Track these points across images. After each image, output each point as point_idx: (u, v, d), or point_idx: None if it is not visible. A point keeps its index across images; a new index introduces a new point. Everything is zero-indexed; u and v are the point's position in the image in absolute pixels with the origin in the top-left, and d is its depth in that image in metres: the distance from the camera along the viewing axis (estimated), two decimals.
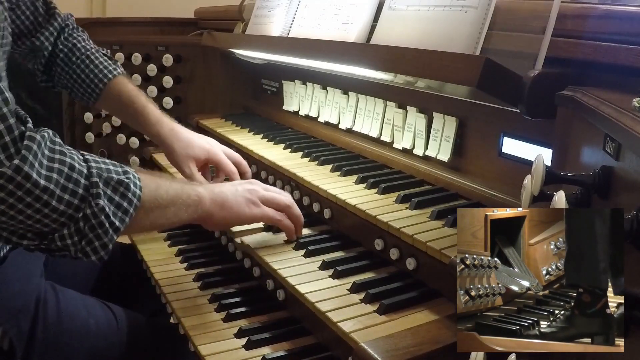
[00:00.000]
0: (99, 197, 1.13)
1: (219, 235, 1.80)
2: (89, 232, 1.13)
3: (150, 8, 3.51)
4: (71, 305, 1.48)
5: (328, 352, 1.27)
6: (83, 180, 1.12)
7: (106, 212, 1.14)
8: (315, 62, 1.82)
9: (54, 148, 1.11)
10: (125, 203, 1.17)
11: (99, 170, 1.15)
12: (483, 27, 1.28)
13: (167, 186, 1.30)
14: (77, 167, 1.12)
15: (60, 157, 1.11)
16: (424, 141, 1.61)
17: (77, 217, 1.12)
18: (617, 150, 0.78)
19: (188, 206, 1.33)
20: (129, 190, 1.17)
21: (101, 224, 1.13)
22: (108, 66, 1.84)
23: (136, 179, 1.20)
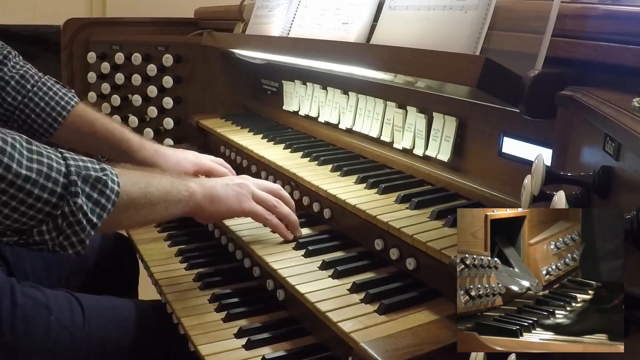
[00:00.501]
0: (77, 195, 1.15)
1: (219, 235, 1.80)
2: (67, 229, 1.16)
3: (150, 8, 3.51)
4: (29, 304, 1.43)
5: (328, 352, 1.27)
6: (62, 179, 1.14)
7: (84, 210, 1.16)
8: (315, 62, 1.82)
9: (31, 148, 1.13)
10: (103, 200, 1.19)
11: (78, 168, 1.17)
12: (483, 27, 1.28)
13: (157, 183, 1.33)
14: (56, 165, 1.14)
15: (37, 157, 1.13)
16: (424, 141, 1.61)
17: (56, 214, 1.14)
18: (617, 150, 0.78)
19: (179, 201, 1.37)
20: (106, 187, 1.20)
21: (79, 221, 1.16)
22: (67, 93, 1.78)
23: (113, 175, 1.23)
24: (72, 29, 2.71)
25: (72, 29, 2.71)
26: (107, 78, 2.65)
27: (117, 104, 2.63)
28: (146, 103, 2.61)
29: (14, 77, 1.73)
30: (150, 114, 2.58)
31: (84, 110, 1.78)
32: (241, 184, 1.49)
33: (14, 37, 3.85)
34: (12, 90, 1.71)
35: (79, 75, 2.70)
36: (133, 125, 2.60)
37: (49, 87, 1.76)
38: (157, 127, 2.61)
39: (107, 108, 2.65)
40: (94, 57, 2.65)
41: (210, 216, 1.46)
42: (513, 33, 1.27)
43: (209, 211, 1.43)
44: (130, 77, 2.61)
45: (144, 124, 2.61)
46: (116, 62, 2.64)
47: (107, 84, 2.64)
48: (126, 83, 2.62)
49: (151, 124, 2.62)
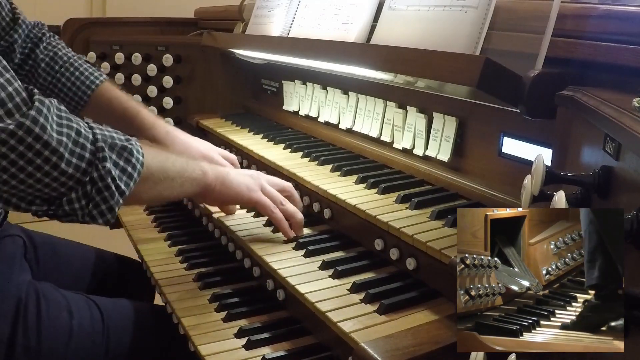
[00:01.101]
0: (105, 160, 1.17)
1: (219, 235, 1.80)
2: (96, 195, 1.17)
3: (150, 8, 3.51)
4: (52, 307, 1.45)
5: (328, 352, 1.27)
6: (89, 145, 1.16)
7: (112, 175, 1.18)
8: (315, 62, 1.82)
9: (61, 114, 1.15)
10: (129, 168, 1.22)
11: (104, 136, 1.20)
12: (483, 27, 1.28)
13: (174, 159, 1.38)
14: (84, 132, 1.16)
15: (67, 123, 1.14)
16: (424, 141, 1.61)
17: (85, 180, 1.16)
18: (617, 150, 0.78)
19: (194, 179, 1.40)
20: (132, 155, 1.23)
21: (108, 186, 1.18)
22: (94, 72, 1.83)
23: (138, 146, 1.26)
24: (72, 29, 2.71)
25: (72, 29, 2.71)
26: None
27: None
28: (146, 103, 2.60)
29: (44, 59, 1.81)
30: None
31: (107, 88, 1.83)
32: (253, 175, 1.54)
33: None
34: (43, 72, 1.80)
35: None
36: None
37: (76, 67, 1.82)
38: None
39: None
40: (94, 57, 2.65)
41: (218, 197, 1.49)
42: (513, 33, 1.27)
43: (219, 192, 1.46)
44: (130, 77, 2.60)
45: None
46: (116, 62, 2.64)
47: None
48: (126, 83, 2.62)
49: None
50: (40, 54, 1.80)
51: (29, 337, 1.38)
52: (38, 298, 1.43)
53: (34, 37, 1.82)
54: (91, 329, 1.47)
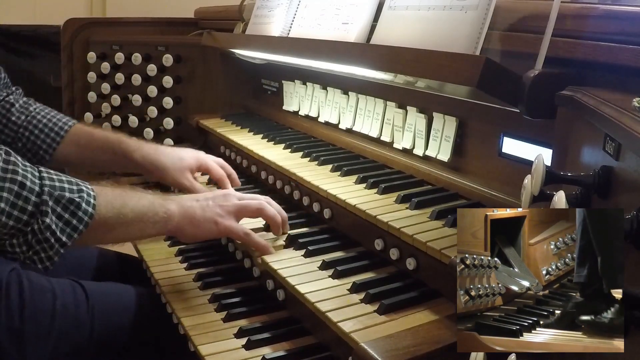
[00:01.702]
0: (46, 215, 1.21)
1: None
2: (36, 245, 1.23)
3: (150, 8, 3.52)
4: (35, 290, 1.44)
5: (328, 352, 1.27)
6: (33, 198, 1.21)
7: (52, 229, 1.22)
8: (315, 62, 1.82)
9: (7, 168, 1.19)
10: (74, 220, 1.25)
11: (52, 188, 1.23)
12: (483, 27, 1.28)
13: (134, 204, 1.37)
14: (29, 185, 1.21)
15: (11, 176, 1.19)
16: (424, 141, 1.61)
17: (26, 230, 1.21)
18: (617, 150, 0.78)
19: (155, 222, 1.39)
20: (79, 208, 1.25)
21: (47, 239, 1.22)
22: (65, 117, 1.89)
23: (90, 197, 1.28)
24: (72, 29, 2.71)
25: (72, 29, 2.71)
26: (107, 78, 2.65)
27: (117, 104, 2.63)
28: (146, 103, 2.61)
29: (18, 100, 1.87)
30: (150, 114, 2.58)
31: (82, 126, 1.88)
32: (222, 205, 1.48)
33: (14, 37, 3.86)
34: (16, 112, 1.84)
35: (79, 75, 2.70)
36: (133, 125, 2.60)
37: (49, 110, 1.89)
38: (157, 127, 2.60)
39: (107, 108, 2.65)
40: (94, 57, 2.65)
41: (189, 236, 1.47)
42: (513, 33, 1.27)
43: (189, 232, 1.45)
44: (130, 77, 2.60)
45: (144, 124, 2.61)
46: (116, 62, 2.64)
47: (107, 84, 2.64)
48: (126, 83, 2.62)
49: (151, 124, 2.62)
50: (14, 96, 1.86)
51: (12, 318, 1.38)
52: (21, 282, 1.43)
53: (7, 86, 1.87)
54: (75, 308, 1.46)
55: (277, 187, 1.79)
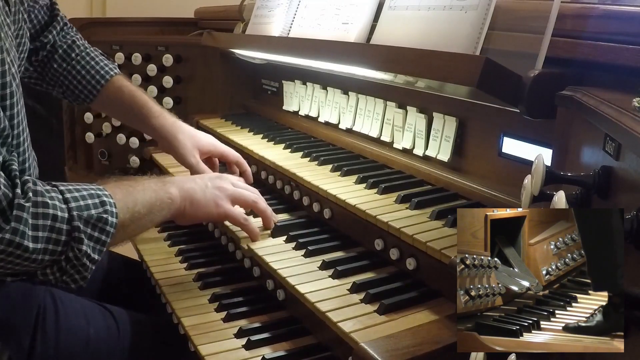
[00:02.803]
0: (81, 242, 1.19)
1: (219, 235, 1.80)
2: (71, 269, 1.21)
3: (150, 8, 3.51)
4: (70, 315, 1.44)
5: (328, 352, 1.27)
6: (65, 227, 1.18)
7: (87, 253, 1.21)
8: (315, 62, 1.82)
9: (37, 202, 1.16)
10: (103, 236, 1.24)
11: (79, 210, 1.20)
12: (483, 27, 1.28)
13: (142, 198, 1.35)
14: (60, 215, 1.17)
15: (43, 211, 1.16)
16: (424, 141, 1.61)
17: (60, 259, 1.19)
18: (617, 150, 0.78)
19: (162, 210, 1.39)
20: (107, 224, 1.24)
21: (83, 264, 1.21)
22: (108, 64, 1.87)
23: (113, 207, 1.26)
24: None
25: None
26: None
27: None
28: None
29: (62, 46, 1.84)
30: None
31: (119, 80, 1.86)
32: (220, 188, 1.50)
33: None
34: (59, 58, 1.83)
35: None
36: None
37: (92, 57, 1.87)
38: None
39: None
40: None
41: (190, 220, 1.48)
42: (513, 33, 1.27)
43: (189, 214, 1.45)
44: (130, 77, 2.59)
45: None
46: (116, 62, 2.63)
47: None
48: None
49: None
50: (59, 40, 1.83)
51: (47, 346, 1.37)
52: (56, 306, 1.43)
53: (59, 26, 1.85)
54: (107, 336, 1.47)
55: (277, 187, 1.79)
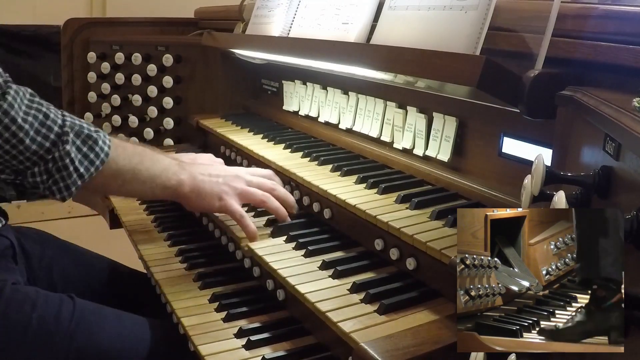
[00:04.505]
0: (66, 143, 1.32)
1: (219, 235, 1.80)
2: (56, 173, 1.33)
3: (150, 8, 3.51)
4: (15, 299, 1.40)
5: (328, 352, 1.27)
6: (56, 128, 1.32)
7: (71, 157, 1.33)
8: (315, 62, 1.82)
9: (33, 99, 1.32)
10: (92, 155, 1.36)
11: (73, 124, 1.35)
12: (483, 27, 1.28)
13: (150, 164, 1.48)
14: (52, 116, 1.33)
15: (37, 107, 1.32)
16: (424, 141, 1.61)
17: (47, 158, 1.32)
18: (617, 150, 0.78)
19: (165, 187, 1.51)
20: (96, 144, 1.37)
21: (66, 166, 1.33)
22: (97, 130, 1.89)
23: (106, 138, 1.40)
24: (72, 29, 2.71)
25: (72, 29, 2.71)
26: (107, 78, 2.65)
27: (117, 104, 2.63)
28: (146, 103, 2.61)
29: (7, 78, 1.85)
30: (150, 114, 2.58)
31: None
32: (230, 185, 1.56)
33: (14, 37, 3.86)
34: None
35: (79, 75, 2.70)
36: (133, 125, 2.60)
37: None
38: (157, 127, 2.60)
39: (107, 108, 2.65)
40: (94, 57, 2.65)
41: (194, 207, 1.60)
42: (513, 33, 1.27)
43: (194, 203, 1.56)
44: (130, 77, 2.60)
45: (144, 124, 2.61)
46: (116, 62, 2.64)
47: (107, 84, 2.64)
48: (126, 83, 2.62)
49: (151, 124, 2.61)
50: None
51: None
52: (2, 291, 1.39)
53: None
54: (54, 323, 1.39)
55: None
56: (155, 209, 2.10)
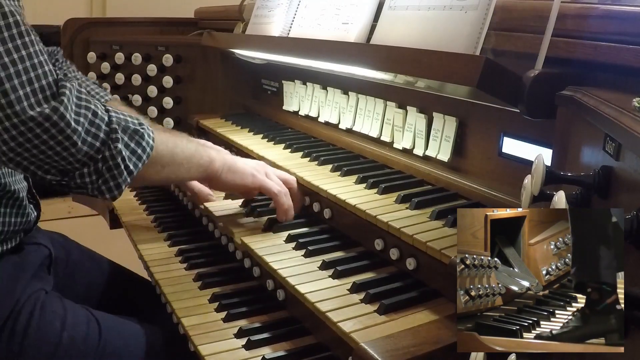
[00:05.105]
0: (117, 141, 1.29)
1: (219, 235, 1.80)
2: (106, 173, 1.29)
3: (150, 8, 3.51)
4: (46, 317, 1.43)
5: (328, 352, 1.27)
6: (104, 126, 1.28)
7: (123, 155, 1.29)
8: (315, 62, 1.82)
9: (81, 96, 1.26)
10: (139, 150, 1.33)
11: (118, 119, 1.31)
12: (483, 27, 1.28)
13: (183, 145, 1.48)
14: (100, 114, 1.28)
15: (86, 104, 1.26)
16: (424, 141, 1.61)
17: (97, 158, 1.27)
18: (617, 150, 0.78)
19: (199, 165, 1.52)
20: (143, 139, 1.34)
21: (117, 165, 1.29)
22: (100, 91, 1.91)
23: (149, 130, 1.37)
24: (72, 29, 2.71)
25: (72, 29, 2.71)
26: (107, 78, 2.65)
27: None
28: (146, 103, 2.61)
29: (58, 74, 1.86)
30: (150, 114, 2.58)
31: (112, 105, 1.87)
32: (259, 163, 1.65)
33: None
34: None
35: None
36: None
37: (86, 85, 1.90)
38: None
39: None
40: (94, 57, 2.65)
41: (225, 183, 1.59)
42: (513, 33, 1.27)
43: (225, 178, 1.56)
44: (130, 77, 2.60)
45: None
46: (116, 62, 2.64)
47: (107, 84, 2.64)
48: (126, 83, 2.62)
49: None
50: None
51: (13, 342, 1.37)
52: (35, 306, 1.43)
53: None
54: (83, 343, 1.44)
55: None
56: (155, 209, 2.11)
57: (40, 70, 1.21)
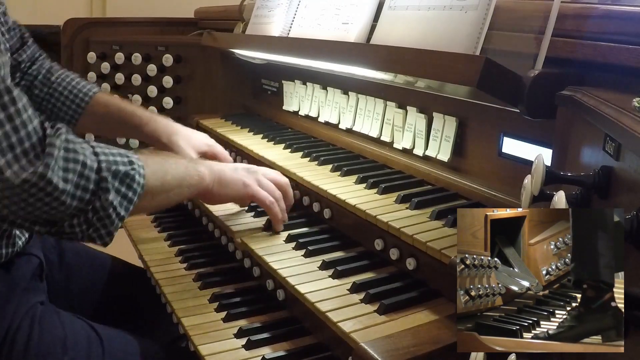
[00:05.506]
0: (107, 192, 1.22)
1: (219, 235, 1.80)
2: (97, 222, 1.23)
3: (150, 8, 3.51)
4: (45, 340, 1.37)
5: (328, 352, 1.27)
6: (94, 176, 1.21)
7: (114, 205, 1.23)
8: (315, 62, 1.82)
9: (68, 147, 1.18)
10: (130, 193, 1.27)
11: (108, 163, 1.24)
12: (483, 27, 1.28)
13: (173, 170, 1.41)
14: (89, 163, 1.20)
15: (74, 156, 1.18)
16: (424, 141, 1.61)
17: (87, 209, 1.21)
18: (617, 150, 0.78)
19: (190, 186, 1.45)
20: (134, 181, 1.27)
21: (108, 215, 1.23)
22: (87, 84, 1.88)
23: (140, 168, 1.29)
24: (72, 29, 2.71)
25: (72, 29, 2.71)
26: (107, 78, 2.65)
27: None
28: (146, 103, 2.61)
29: (41, 71, 1.85)
30: None
31: (102, 97, 1.87)
32: (249, 169, 1.58)
33: None
34: (39, 84, 1.84)
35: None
36: None
37: (72, 78, 1.87)
38: None
39: None
40: (94, 57, 2.65)
41: (218, 199, 1.54)
42: (513, 33, 1.27)
43: (217, 192, 1.50)
44: (130, 77, 2.60)
45: None
46: (116, 62, 2.64)
47: (107, 84, 2.64)
48: (126, 83, 2.62)
49: None
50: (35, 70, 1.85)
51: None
52: (32, 329, 1.37)
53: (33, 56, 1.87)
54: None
55: None
56: None
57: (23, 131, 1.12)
